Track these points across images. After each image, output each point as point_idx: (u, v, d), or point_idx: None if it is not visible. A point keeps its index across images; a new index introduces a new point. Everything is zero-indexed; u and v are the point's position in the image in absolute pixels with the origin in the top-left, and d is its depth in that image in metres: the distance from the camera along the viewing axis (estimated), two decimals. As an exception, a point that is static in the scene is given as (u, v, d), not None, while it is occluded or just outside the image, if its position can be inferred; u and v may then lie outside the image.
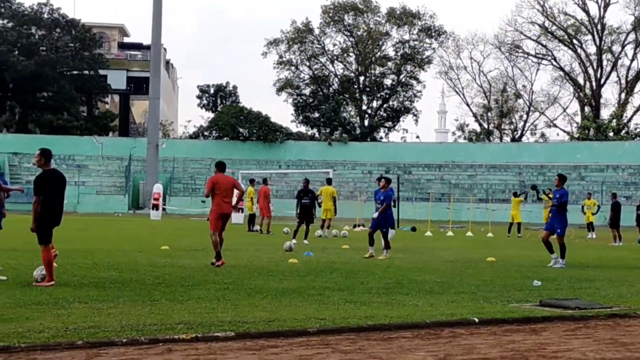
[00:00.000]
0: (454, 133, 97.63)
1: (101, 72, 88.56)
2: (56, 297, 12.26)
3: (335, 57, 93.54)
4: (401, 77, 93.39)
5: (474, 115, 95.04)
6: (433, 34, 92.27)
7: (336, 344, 9.30)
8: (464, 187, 75.52)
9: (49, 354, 8.32)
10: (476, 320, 11.14)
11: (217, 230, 18.72)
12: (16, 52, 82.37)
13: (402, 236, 28.05)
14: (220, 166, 19.38)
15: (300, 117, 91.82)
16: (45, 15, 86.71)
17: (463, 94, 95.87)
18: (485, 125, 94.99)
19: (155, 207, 54.63)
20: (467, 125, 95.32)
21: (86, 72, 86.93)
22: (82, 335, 9.09)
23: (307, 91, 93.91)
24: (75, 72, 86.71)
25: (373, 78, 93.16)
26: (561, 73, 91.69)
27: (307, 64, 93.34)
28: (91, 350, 8.54)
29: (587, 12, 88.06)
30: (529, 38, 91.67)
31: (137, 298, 12.48)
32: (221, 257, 18.51)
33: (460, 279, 17.05)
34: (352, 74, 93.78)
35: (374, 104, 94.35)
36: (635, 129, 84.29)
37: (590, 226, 42.10)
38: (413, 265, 20.41)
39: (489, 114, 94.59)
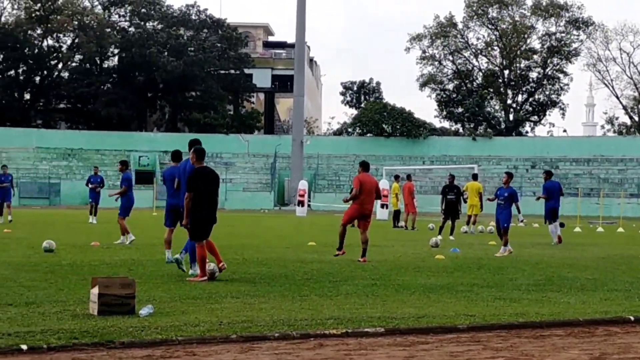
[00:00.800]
0: (602, 126, 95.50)
1: (247, 71, 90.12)
2: (209, 291, 12.60)
3: (479, 51, 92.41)
4: (547, 70, 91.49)
5: (624, 107, 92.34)
6: (581, 25, 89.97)
7: (487, 341, 9.24)
8: (613, 182, 73.44)
9: (205, 347, 8.56)
10: (632, 318, 10.88)
11: (347, 224, 19.07)
12: (166, 53, 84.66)
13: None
14: (365, 166, 19.50)
15: (444, 112, 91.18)
16: (193, 17, 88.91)
17: (612, 86, 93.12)
18: (636, 118, 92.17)
19: (301, 203, 55.15)
20: (617, 118, 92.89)
21: (232, 71, 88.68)
22: (235, 329, 9.32)
23: (450, 86, 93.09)
24: (222, 72, 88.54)
25: (518, 71, 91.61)
26: None
27: (451, 58, 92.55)
28: (245, 344, 8.76)
29: None
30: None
31: (287, 293, 12.68)
32: (342, 247, 18.91)
33: (613, 275, 16.64)
34: (497, 68, 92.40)
35: (519, 97, 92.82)
36: None
37: None
38: (563, 261, 20.02)
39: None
